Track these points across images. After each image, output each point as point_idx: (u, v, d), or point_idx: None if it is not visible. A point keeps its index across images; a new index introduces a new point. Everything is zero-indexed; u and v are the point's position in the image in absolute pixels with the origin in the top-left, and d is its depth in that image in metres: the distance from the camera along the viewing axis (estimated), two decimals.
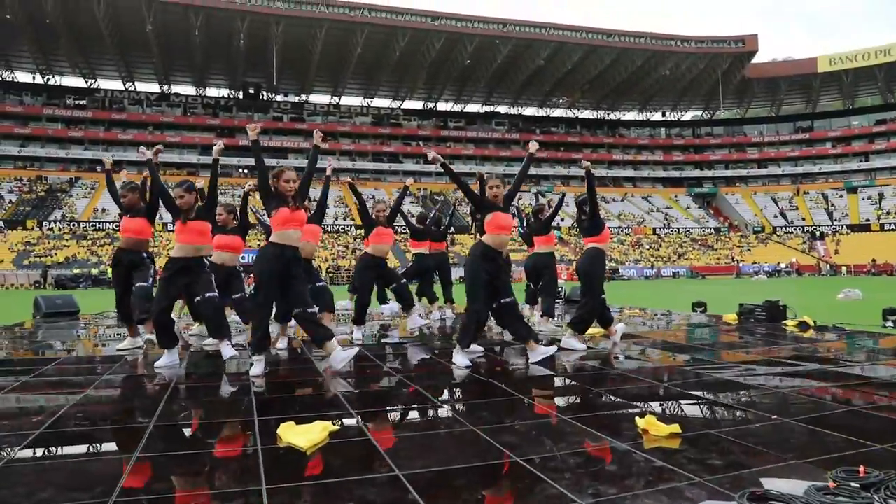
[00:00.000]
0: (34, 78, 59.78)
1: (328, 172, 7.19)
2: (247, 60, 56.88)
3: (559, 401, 4.18)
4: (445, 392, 4.43)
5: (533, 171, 67.49)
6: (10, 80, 59.26)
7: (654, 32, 60.12)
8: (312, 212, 6.65)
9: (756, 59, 63.89)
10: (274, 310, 5.71)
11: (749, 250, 55.15)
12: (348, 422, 3.50)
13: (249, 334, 5.64)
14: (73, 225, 46.85)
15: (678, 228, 60.29)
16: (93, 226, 47.04)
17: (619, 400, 4.05)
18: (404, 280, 7.79)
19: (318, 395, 4.38)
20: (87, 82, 60.52)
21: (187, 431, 3.45)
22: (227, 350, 5.45)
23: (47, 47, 53.78)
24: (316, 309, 5.01)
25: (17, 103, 58.20)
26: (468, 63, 59.31)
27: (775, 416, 3.50)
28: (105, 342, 7.33)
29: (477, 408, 3.95)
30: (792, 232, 59.92)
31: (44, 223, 46.83)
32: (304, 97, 66.11)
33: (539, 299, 8.38)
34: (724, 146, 72.56)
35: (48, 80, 59.79)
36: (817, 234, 58.75)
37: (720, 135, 73.68)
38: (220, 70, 60.33)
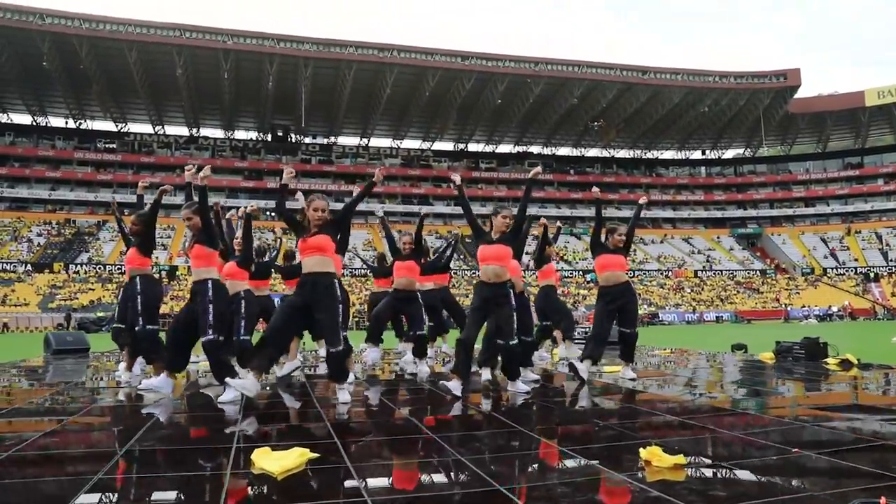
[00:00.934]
0: (66, 122, 62.04)
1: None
2: (275, 103, 58.32)
3: (565, 433, 4.04)
4: (443, 425, 4.33)
5: (567, 212, 67.48)
6: (44, 124, 61.58)
7: (691, 68, 60.19)
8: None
9: (799, 94, 63.42)
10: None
11: (798, 293, 53.86)
12: (330, 448, 3.41)
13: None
14: (99, 268, 47.86)
15: (721, 271, 59.29)
16: (118, 269, 48.01)
17: (625, 432, 3.91)
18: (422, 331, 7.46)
19: (307, 425, 4.31)
20: (117, 126, 62.57)
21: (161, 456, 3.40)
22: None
23: (80, 92, 55.84)
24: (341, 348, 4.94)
25: (49, 147, 60.35)
26: (499, 103, 59.94)
27: (796, 450, 3.33)
28: (94, 375, 7.36)
29: (470, 438, 3.83)
30: (844, 273, 58.46)
31: (70, 266, 47.97)
32: (332, 139, 67.32)
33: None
34: (769, 185, 71.66)
35: (80, 124, 61.98)
36: (871, 275, 57.23)
37: (764, 173, 72.83)
38: (248, 112, 61.92)
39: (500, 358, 5.82)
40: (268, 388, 6.04)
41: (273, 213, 57.34)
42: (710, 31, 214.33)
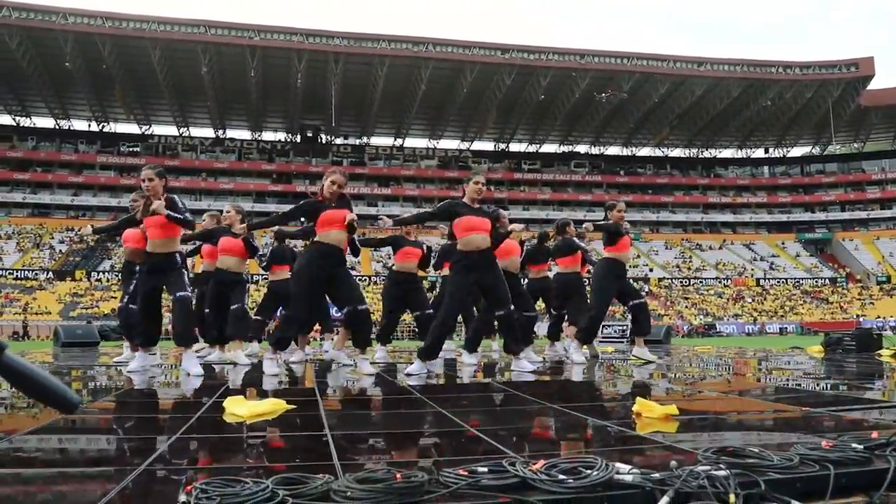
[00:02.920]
0: (89, 125, 63.91)
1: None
2: (304, 102, 59.18)
3: (558, 395, 4.11)
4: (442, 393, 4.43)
5: None
6: (67, 128, 63.55)
7: (751, 59, 59.27)
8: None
9: (873, 85, 61.90)
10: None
11: (872, 303, 52.49)
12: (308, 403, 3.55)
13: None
14: (121, 276, 49.15)
15: (786, 279, 58.10)
16: None
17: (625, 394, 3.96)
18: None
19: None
20: (141, 128, 64.24)
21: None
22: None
23: (103, 94, 57.53)
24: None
25: (72, 151, 62.25)
26: (542, 99, 59.83)
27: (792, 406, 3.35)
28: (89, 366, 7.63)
29: (457, 399, 3.93)
30: None
31: (92, 274, 49.33)
32: (364, 139, 67.99)
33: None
34: (839, 185, 70.00)
35: (102, 126, 63.79)
36: None
37: (834, 172, 71.18)
38: (276, 112, 62.97)
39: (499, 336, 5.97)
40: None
41: (303, 219, 58.18)
42: (773, 20, 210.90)
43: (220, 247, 6.98)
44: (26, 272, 48.28)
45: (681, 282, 55.86)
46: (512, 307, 5.50)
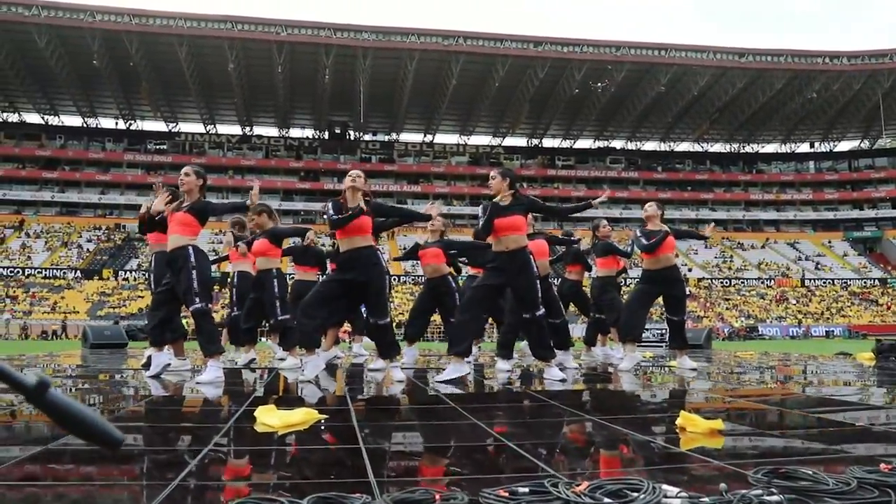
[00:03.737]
0: (116, 123, 65.08)
1: None
2: (332, 98, 59.57)
3: (597, 406, 4.08)
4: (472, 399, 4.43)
5: None
6: (94, 126, 64.76)
7: (796, 49, 58.30)
8: None
9: None
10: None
11: None
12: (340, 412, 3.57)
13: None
14: (149, 274, 49.81)
15: (832, 280, 57.11)
16: None
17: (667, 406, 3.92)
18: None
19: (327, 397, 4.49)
20: (167, 126, 65.21)
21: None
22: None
23: (130, 92, 58.51)
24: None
25: (100, 149, 63.46)
26: (577, 93, 59.43)
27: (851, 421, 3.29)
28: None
29: (491, 409, 3.92)
30: None
31: (119, 273, 50.17)
32: (394, 136, 68.28)
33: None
34: (890, 181, 68.61)
35: (129, 124, 64.89)
36: None
37: (884, 167, 69.77)
38: (304, 109, 63.48)
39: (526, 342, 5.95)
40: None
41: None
42: (814, 7, 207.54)
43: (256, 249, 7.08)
44: (54, 271, 49.29)
45: (721, 282, 55.19)
46: (542, 311, 5.50)
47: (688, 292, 45.72)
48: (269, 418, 3.13)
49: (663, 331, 14.47)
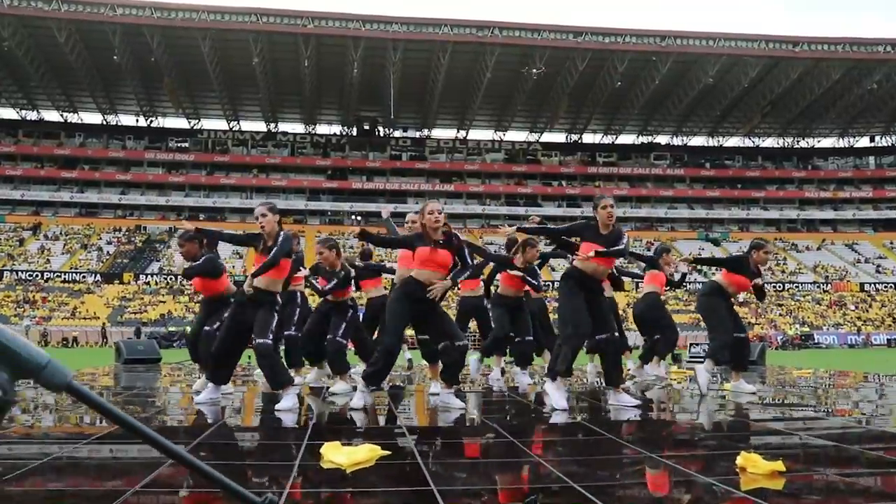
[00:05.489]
0: (137, 121, 66.25)
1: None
2: (361, 92, 60.01)
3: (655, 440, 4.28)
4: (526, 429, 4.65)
5: (703, 213, 66.13)
6: (115, 123, 65.99)
7: (853, 37, 57.61)
8: None
9: None
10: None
11: None
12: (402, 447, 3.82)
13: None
14: (170, 279, 50.60)
15: (895, 284, 56.38)
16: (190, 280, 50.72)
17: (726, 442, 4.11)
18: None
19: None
20: (189, 123, 66.23)
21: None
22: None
23: (151, 88, 59.56)
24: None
25: (120, 148, 64.65)
26: (619, 86, 59.25)
27: None
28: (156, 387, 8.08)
29: (552, 443, 4.14)
30: None
31: (140, 277, 51.11)
32: (425, 132, 68.56)
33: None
34: None
35: (150, 122, 66.03)
36: None
37: None
38: (331, 104, 64.03)
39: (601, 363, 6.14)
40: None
41: (359, 217, 59.10)
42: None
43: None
44: (74, 275, 50.35)
45: (774, 286, 54.61)
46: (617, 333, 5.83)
47: (742, 300, 45.32)
48: (336, 456, 3.39)
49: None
